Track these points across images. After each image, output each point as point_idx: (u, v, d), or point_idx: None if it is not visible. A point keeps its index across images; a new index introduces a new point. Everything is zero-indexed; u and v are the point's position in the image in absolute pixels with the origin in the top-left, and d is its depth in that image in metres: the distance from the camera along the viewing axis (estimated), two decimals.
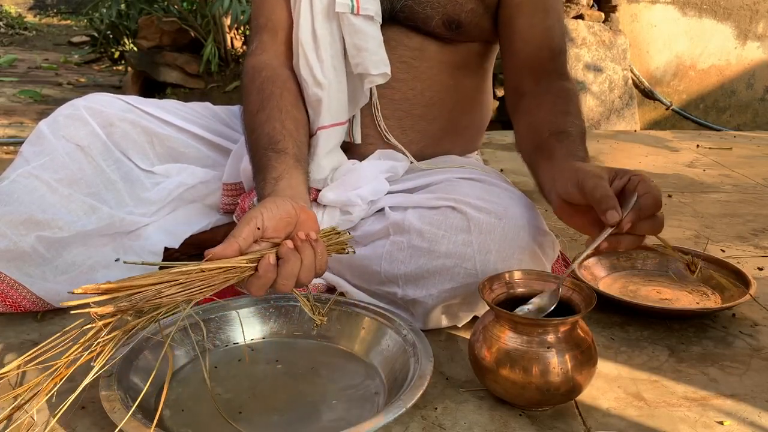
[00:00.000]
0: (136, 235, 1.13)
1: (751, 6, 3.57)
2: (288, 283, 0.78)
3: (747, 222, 1.61)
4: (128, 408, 0.73)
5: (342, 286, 1.03)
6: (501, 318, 0.81)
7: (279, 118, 0.99)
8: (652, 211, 0.79)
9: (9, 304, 1.02)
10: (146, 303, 0.70)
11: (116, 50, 5.20)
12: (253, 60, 1.07)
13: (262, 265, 0.77)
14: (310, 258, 0.79)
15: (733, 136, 2.78)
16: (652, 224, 0.80)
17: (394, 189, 1.09)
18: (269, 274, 0.77)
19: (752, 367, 0.95)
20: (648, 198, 0.79)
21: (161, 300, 0.71)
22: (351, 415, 0.80)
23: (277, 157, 0.94)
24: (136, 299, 0.70)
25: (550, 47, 1.07)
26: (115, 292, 0.69)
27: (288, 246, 0.79)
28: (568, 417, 0.82)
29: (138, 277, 0.71)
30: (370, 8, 1.03)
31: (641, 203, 0.79)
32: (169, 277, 0.72)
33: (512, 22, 1.07)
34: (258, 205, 0.82)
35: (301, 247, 0.79)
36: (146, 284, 0.71)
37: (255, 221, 0.78)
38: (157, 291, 0.71)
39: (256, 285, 0.78)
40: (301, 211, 0.83)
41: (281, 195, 0.87)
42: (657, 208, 0.80)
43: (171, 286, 0.72)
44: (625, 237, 0.81)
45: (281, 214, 0.80)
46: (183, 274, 0.73)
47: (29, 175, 1.04)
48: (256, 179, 0.95)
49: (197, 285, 0.73)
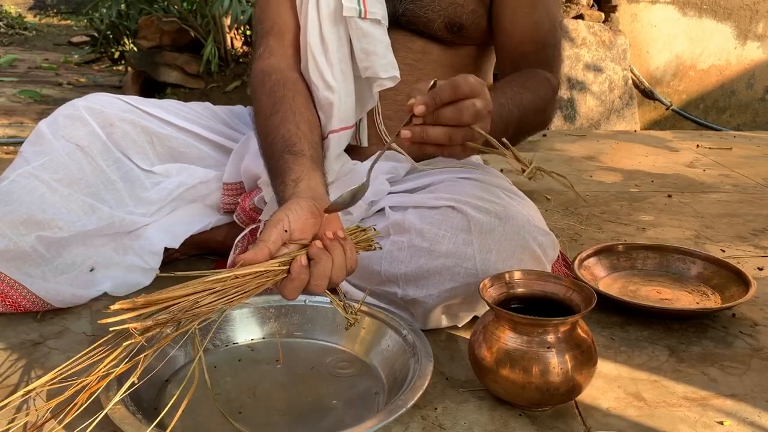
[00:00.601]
0: (136, 235, 1.13)
1: (751, 6, 3.57)
2: (321, 284, 0.78)
3: (747, 222, 1.61)
4: (128, 408, 0.73)
5: (343, 286, 1.03)
6: (501, 318, 0.81)
7: (293, 120, 0.99)
8: (447, 94, 0.77)
9: (9, 304, 1.02)
10: (185, 314, 0.70)
11: (116, 50, 5.20)
12: (261, 64, 1.07)
13: (294, 267, 0.77)
14: (340, 256, 0.79)
15: (733, 136, 2.78)
16: (453, 110, 0.77)
17: (395, 189, 1.09)
18: (302, 276, 0.77)
19: (752, 367, 0.95)
20: (444, 84, 0.77)
21: (200, 309, 0.71)
22: (351, 415, 0.80)
23: (294, 159, 0.93)
24: (174, 311, 0.70)
25: (534, 40, 1.07)
26: (153, 305, 0.69)
27: (318, 246, 0.78)
28: (568, 417, 0.82)
29: (172, 289, 0.71)
30: (377, 12, 1.03)
31: (436, 89, 0.77)
32: (204, 286, 0.72)
33: (499, 17, 1.08)
34: (282, 208, 0.81)
35: (331, 246, 0.79)
36: (182, 295, 0.71)
37: (282, 224, 0.78)
38: (194, 301, 0.71)
39: (290, 288, 0.77)
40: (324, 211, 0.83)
41: (302, 197, 0.86)
42: (454, 93, 0.77)
43: (207, 295, 0.72)
44: (431, 127, 0.78)
45: (306, 215, 0.80)
46: (218, 282, 0.73)
47: (29, 175, 1.04)
48: (274, 183, 0.94)
49: (233, 292, 0.73)
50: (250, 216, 1.14)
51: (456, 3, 1.05)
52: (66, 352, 0.95)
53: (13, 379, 0.89)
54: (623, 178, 2.03)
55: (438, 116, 0.78)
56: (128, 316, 0.68)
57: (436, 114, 0.77)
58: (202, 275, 0.73)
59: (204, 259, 1.29)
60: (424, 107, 0.76)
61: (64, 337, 1.00)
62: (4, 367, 0.92)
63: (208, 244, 1.25)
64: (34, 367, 0.92)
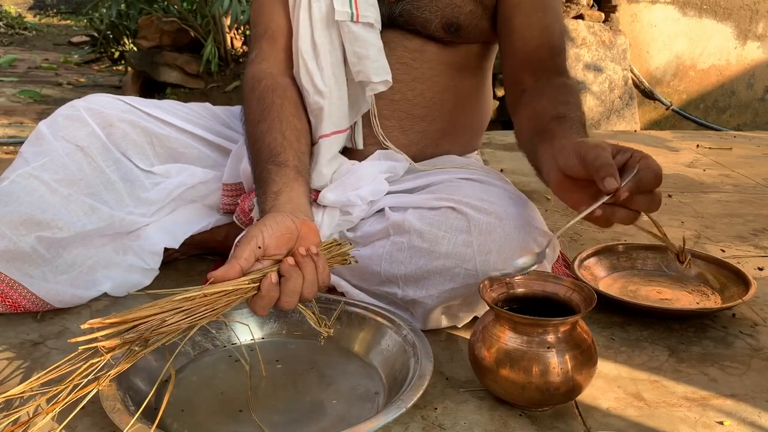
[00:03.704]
0: (136, 236, 1.13)
1: (751, 6, 3.57)
2: (291, 300, 0.78)
3: (747, 222, 1.61)
4: (128, 408, 0.73)
5: (342, 286, 1.03)
6: (501, 318, 0.81)
7: (279, 129, 0.99)
8: (651, 185, 0.78)
9: (9, 304, 1.02)
10: (152, 333, 0.71)
11: (116, 50, 5.20)
12: (253, 69, 1.07)
13: (264, 285, 0.77)
14: (311, 273, 0.79)
15: (733, 136, 2.78)
16: (650, 200, 0.79)
17: (395, 189, 1.09)
18: (272, 293, 0.77)
19: (752, 367, 0.95)
20: (648, 172, 0.78)
21: (167, 328, 0.72)
22: (351, 415, 0.80)
23: (277, 170, 0.94)
24: (141, 330, 0.71)
25: (549, 45, 1.07)
26: (120, 324, 0.70)
27: (289, 263, 0.79)
28: (568, 417, 0.82)
29: (141, 308, 0.72)
30: (370, 15, 1.03)
31: (641, 176, 0.77)
32: (172, 305, 0.73)
33: (511, 21, 1.07)
34: (257, 223, 0.82)
35: (302, 263, 0.79)
36: (150, 314, 0.72)
37: (255, 240, 0.79)
38: (162, 320, 0.71)
39: (260, 305, 0.78)
40: (302, 224, 0.83)
41: (281, 210, 0.87)
42: (656, 184, 0.78)
43: (175, 314, 0.72)
44: (620, 209, 0.79)
45: (281, 231, 0.81)
46: (186, 301, 0.73)
47: (29, 176, 1.04)
48: (257, 192, 0.95)
49: (201, 310, 0.74)
50: (250, 217, 1.14)
51: (453, 4, 1.05)
52: (66, 352, 0.95)
53: (13, 379, 0.89)
54: None
55: (632, 202, 0.78)
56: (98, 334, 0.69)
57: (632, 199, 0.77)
58: (172, 293, 0.74)
59: (204, 259, 1.29)
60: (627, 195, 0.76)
61: (64, 337, 1.00)
62: (4, 367, 0.92)
63: (208, 244, 1.25)
64: (34, 367, 0.92)
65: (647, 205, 0.79)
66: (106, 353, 0.70)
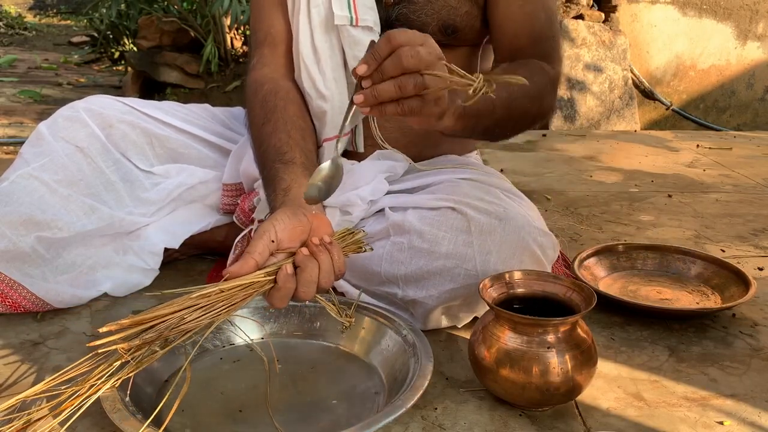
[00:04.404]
0: (135, 236, 1.13)
1: (751, 6, 3.57)
2: (308, 291, 0.78)
3: (747, 222, 1.61)
4: (128, 408, 0.73)
5: (342, 286, 1.03)
6: (501, 318, 0.81)
7: (285, 129, 0.99)
8: (383, 47, 0.74)
9: (9, 304, 1.02)
10: (171, 331, 0.71)
11: (116, 50, 5.20)
12: (255, 74, 1.08)
13: (280, 276, 0.77)
14: (327, 262, 0.79)
15: (733, 136, 2.78)
16: (393, 58, 0.74)
17: (395, 189, 1.09)
18: (288, 285, 0.77)
19: (752, 367, 0.95)
20: (380, 39, 0.75)
21: (186, 326, 0.72)
22: (351, 415, 0.80)
23: (285, 168, 0.94)
24: (161, 329, 0.71)
25: (529, 33, 1.06)
26: (139, 324, 0.70)
27: (303, 253, 0.79)
28: (568, 417, 0.82)
29: (159, 307, 0.72)
30: (369, 19, 1.03)
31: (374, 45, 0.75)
32: (190, 303, 0.73)
33: (492, 11, 1.07)
34: (269, 218, 0.82)
35: (317, 252, 0.79)
36: (168, 313, 0.71)
37: (268, 234, 0.79)
38: (180, 318, 0.71)
39: (277, 297, 0.78)
40: (313, 217, 0.84)
41: (291, 205, 0.87)
42: (389, 44, 0.74)
43: (193, 311, 0.72)
44: (380, 84, 0.75)
45: (294, 224, 0.81)
46: (203, 298, 0.73)
47: (29, 176, 1.04)
48: (266, 192, 0.96)
49: (219, 306, 0.74)
50: (250, 217, 1.14)
51: (450, 6, 1.05)
52: (66, 352, 0.96)
53: (13, 380, 0.89)
54: (623, 178, 2.03)
55: (382, 71, 0.75)
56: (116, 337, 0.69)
57: (380, 70, 0.75)
58: (188, 291, 0.74)
59: (204, 259, 1.29)
60: (366, 66, 0.74)
61: (64, 337, 1.00)
62: (4, 367, 0.92)
63: (208, 244, 1.25)
64: (33, 367, 0.92)
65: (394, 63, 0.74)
66: (125, 354, 0.70)
